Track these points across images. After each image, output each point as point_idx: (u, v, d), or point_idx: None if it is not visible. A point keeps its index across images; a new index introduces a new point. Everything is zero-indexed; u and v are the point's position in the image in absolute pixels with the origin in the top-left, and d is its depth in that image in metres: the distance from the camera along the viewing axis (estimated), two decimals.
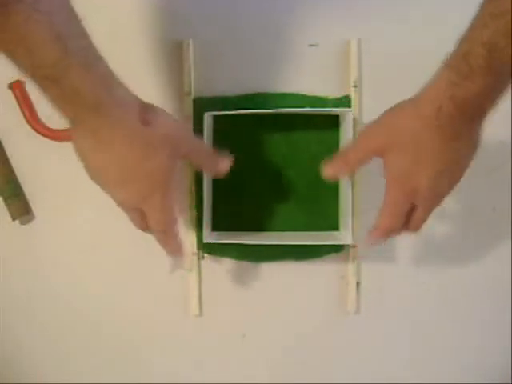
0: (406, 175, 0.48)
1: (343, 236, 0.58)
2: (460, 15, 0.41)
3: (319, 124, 0.60)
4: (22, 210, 0.61)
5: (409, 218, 0.49)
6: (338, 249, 0.61)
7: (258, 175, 0.61)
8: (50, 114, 0.61)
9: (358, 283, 0.61)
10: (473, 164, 0.60)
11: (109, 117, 0.42)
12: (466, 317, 0.62)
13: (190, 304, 0.61)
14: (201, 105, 0.60)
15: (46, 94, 0.41)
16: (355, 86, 0.60)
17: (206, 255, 0.61)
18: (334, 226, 0.61)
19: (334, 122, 0.60)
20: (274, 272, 0.61)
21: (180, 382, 0.61)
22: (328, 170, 0.53)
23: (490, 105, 0.44)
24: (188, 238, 0.61)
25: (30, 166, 0.61)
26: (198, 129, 0.57)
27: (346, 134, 0.57)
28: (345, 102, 0.60)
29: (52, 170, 0.61)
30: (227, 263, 0.61)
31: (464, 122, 0.44)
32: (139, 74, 0.57)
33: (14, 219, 0.60)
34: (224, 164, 0.52)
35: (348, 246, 0.60)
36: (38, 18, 0.36)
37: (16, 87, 0.60)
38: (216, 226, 0.60)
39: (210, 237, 0.58)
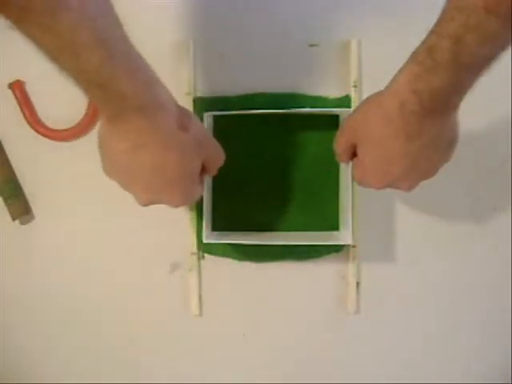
0: (375, 173, 0.48)
1: (343, 236, 0.58)
2: None
3: (319, 124, 0.60)
4: (22, 209, 0.61)
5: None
6: (338, 249, 0.61)
7: (258, 175, 0.61)
8: (50, 114, 0.61)
9: (357, 283, 0.61)
10: (473, 164, 0.61)
11: (151, 119, 0.42)
12: (465, 317, 0.62)
13: (190, 304, 0.61)
14: (201, 105, 0.60)
15: (88, 96, 0.41)
16: (355, 86, 0.60)
17: (206, 255, 0.61)
18: (334, 226, 0.61)
19: (333, 121, 0.60)
20: (274, 272, 0.61)
21: (180, 381, 0.61)
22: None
23: (458, 99, 0.42)
24: (188, 238, 0.61)
25: (30, 166, 0.61)
26: None
27: None
28: (345, 101, 0.60)
29: (52, 170, 0.61)
30: (227, 263, 0.61)
31: (431, 117, 0.43)
32: None
33: (14, 219, 0.60)
34: None
35: (348, 245, 0.60)
36: (83, 24, 0.36)
37: (16, 87, 0.60)
38: (216, 226, 0.60)
39: (210, 237, 0.57)
